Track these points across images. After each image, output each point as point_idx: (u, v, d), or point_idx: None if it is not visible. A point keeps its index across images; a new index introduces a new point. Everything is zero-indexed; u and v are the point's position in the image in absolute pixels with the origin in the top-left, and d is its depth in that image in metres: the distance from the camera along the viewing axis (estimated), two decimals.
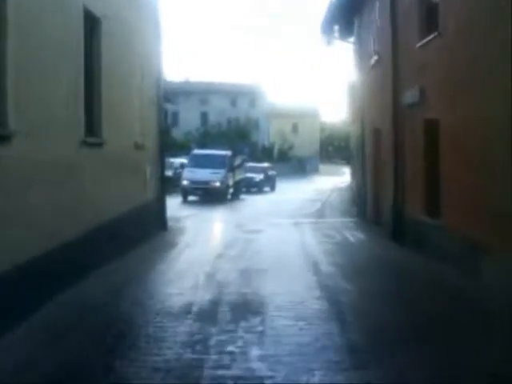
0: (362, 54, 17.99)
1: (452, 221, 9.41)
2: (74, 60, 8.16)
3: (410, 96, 11.71)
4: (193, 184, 26.55)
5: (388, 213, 13.70)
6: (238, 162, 35.75)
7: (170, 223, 16.05)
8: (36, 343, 5.26)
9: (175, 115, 77.46)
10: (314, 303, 6.98)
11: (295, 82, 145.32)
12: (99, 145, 9.39)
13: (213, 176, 26.60)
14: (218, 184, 26.52)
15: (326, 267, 9.66)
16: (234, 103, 77.71)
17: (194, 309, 6.60)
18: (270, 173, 39.82)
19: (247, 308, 6.66)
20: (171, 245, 12.51)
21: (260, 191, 36.37)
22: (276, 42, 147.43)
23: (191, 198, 27.06)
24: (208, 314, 6.37)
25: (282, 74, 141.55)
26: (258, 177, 37.12)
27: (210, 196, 26.61)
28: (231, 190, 28.39)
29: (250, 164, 39.04)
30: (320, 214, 20.99)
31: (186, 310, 6.50)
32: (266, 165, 40.61)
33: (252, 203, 27.60)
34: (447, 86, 9.79)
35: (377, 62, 15.31)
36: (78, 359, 4.92)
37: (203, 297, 7.21)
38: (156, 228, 14.33)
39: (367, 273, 9.41)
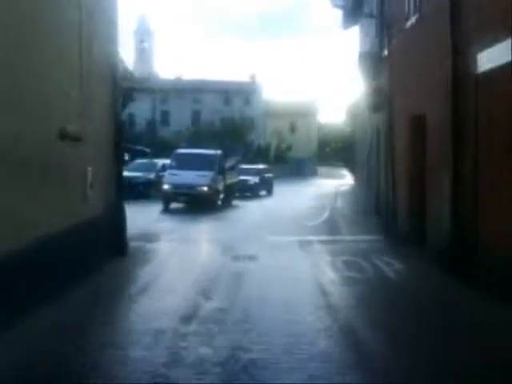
0: (390, 21, 13.74)
1: None
2: None
3: (492, 56, 7.46)
4: (175, 189, 22.21)
5: (440, 234, 9.46)
6: (230, 163, 31.68)
7: (135, 244, 11.82)
8: None
9: (165, 114, 73.21)
10: None
11: (292, 79, 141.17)
12: None
13: (199, 179, 22.27)
14: (205, 189, 22.20)
15: (379, 359, 5.32)
16: (227, 101, 73.42)
17: None
18: (267, 175, 35.54)
19: None
20: (120, 287, 8.21)
21: (255, 196, 32.06)
22: (272, 37, 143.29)
23: (175, 205, 22.77)
24: None
25: (278, 71, 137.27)
26: (253, 180, 32.85)
27: (196, 203, 22.31)
28: (222, 196, 24.07)
29: (244, 166, 34.72)
30: (331, 226, 16.71)
31: None
32: (261, 166, 36.31)
33: (246, 211, 23.31)
34: None
35: (417, 23, 11.08)
36: None
37: None
38: (108, 253, 10.04)
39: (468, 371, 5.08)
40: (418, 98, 11.10)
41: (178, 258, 11.06)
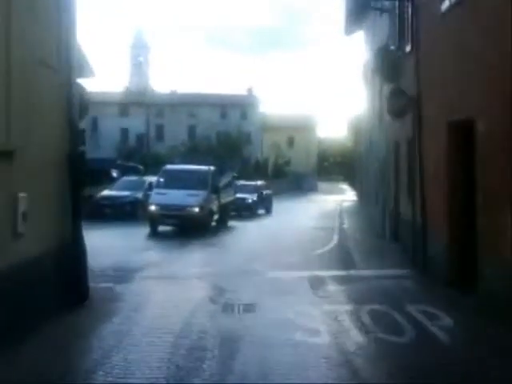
0: (416, 9, 11.30)
1: None
2: None
3: None
4: (163, 210, 19.68)
5: (504, 278, 6.98)
6: (225, 180, 29.39)
7: (104, 285, 9.38)
8: None
9: (160, 128, 70.84)
10: None
11: (290, 92, 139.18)
12: None
13: (190, 199, 19.75)
14: (196, 210, 19.65)
15: None
16: (224, 115, 71.18)
17: None
18: (265, 192, 33.05)
19: None
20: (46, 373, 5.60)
21: (253, 215, 29.54)
22: (270, 50, 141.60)
23: (165, 227, 20.26)
24: None
25: (275, 84, 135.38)
26: (251, 198, 30.36)
27: (186, 226, 19.75)
28: (216, 217, 21.53)
29: (241, 182, 32.24)
30: (344, 255, 14.18)
31: None
32: (259, 183, 33.81)
33: (243, 235, 20.76)
34: None
35: (456, 4, 8.67)
36: None
37: None
38: (58, 304, 7.53)
39: None
40: (462, 98, 8.62)
41: (152, 309, 8.46)
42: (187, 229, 19.92)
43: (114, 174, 30.30)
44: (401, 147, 14.17)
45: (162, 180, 21.12)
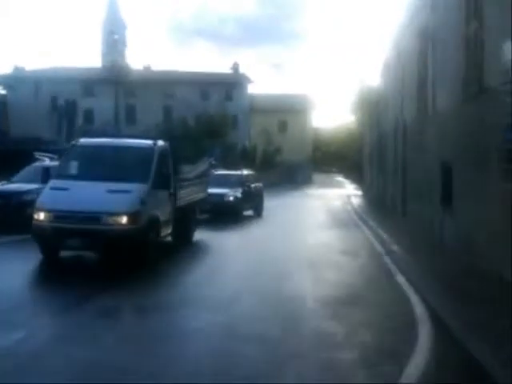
0: None
1: None
2: None
3: None
4: (60, 221, 10.28)
5: None
6: (198, 168, 20.46)
7: None
8: None
9: (131, 109, 61.21)
10: None
11: (282, 70, 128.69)
12: None
13: (113, 201, 10.41)
14: (123, 221, 10.28)
15: None
16: (205, 95, 61.59)
17: None
18: (254, 186, 23.62)
19: None
20: None
21: (236, 219, 20.23)
22: (261, 43, 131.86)
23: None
24: None
25: (266, 60, 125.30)
26: (233, 194, 21.06)
27: (106, 251, 10.50)
28: (167, 230, 12.21)
29: (219, 172, 22.97)
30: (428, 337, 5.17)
31: None
32: (246, 173, 24.31)
33: (212, 267, 11.18)
34: None
35: None
36: None
37: None
38: None
39: None
40: None
41: None
42: (108, 256, 10.73)
43: (44, 158, 20.70)
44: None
45: (66, 164, 11.73)
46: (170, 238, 12.74)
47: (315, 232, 16.71)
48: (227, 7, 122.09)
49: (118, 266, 10.47)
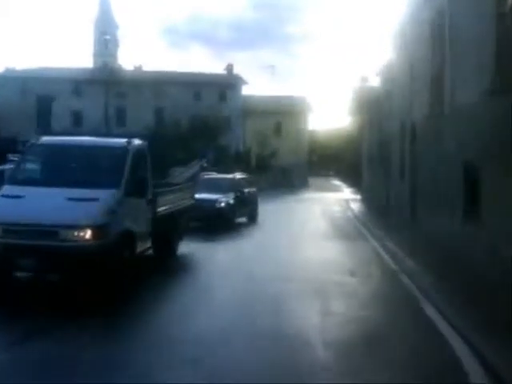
0: None
1: None
2: None
3: None
4: (12, 237, 8.42)
5: None
6: (188, 172, 19.31)
7: None
8: None
9: (121, 111, 59.12)
10: None
11: (277, 71, 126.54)
12: None
13: (75, 211, 8.56)
14: (88, 235, 8.43)
15: None
16: (198, 97, 59.70)
17: None
18: (248, 190, 21.74)
19: None
20: None
21: (227, 227, 18.31)
22: (256, 46, 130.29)
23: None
24: None
25: (261, 63, 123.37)
26: (225, 199, 19.15)
27: (67, 272, 8.62)
28: (144, 245, 10.34)
29: (210, 176, 21.18)
30: None
31: None
32: (239, 176, 22.40)
33: (193, 297, 9.11)
34: None
35: None
36: None
37: None
38: None
39: None
40: None
41: None
42: (70, 279, 8.90)
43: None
44: None
45: (22, 167, 9.85)
46: (151, 252, 10.89)
47: (316, 244, 14.89)
48: (222, 11, 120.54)
49: (83, 290, 8.61)
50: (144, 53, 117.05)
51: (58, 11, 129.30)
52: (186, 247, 12.89)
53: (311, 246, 14.56)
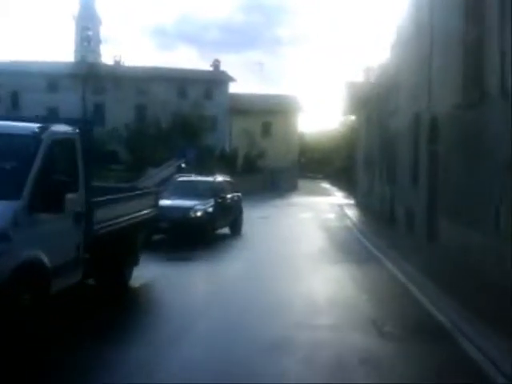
0: None
1: None
2: None
3: None
4: None
5: None
6: (162, 173, 16.66)
7: None
8: None
9: (100, 108, 55.45)
10: None
11: (265, 71, 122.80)
12: None
13: None
14: None
15: None
16: (182, 94, 56.18)
17: None
18: (231, 196, 18.26)
19: None
20: None
21: (205, 242, 14.85)
22: (245, 49, 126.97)
23: None
24: None
25: (249, 65, 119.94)
26: (201, 207, 15.57)
27: None
28: (67, 281, 6.97)
29: (185, 178, 17.79)
30: None
31: None
32: (220, 179, 18.73)
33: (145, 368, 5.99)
34: None
35: None
36: None
37: None
38: None
39: None
40: None
41: None
42: None
43: None
44: None
45: None
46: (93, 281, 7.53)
47: (315, 269, 11.54)
48: (210, 12, 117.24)
49: None
50: (131, 53, 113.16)
51: (43, 6, 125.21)
52: (144, 271, 9.54)
53: (309, 272, 11.21)
